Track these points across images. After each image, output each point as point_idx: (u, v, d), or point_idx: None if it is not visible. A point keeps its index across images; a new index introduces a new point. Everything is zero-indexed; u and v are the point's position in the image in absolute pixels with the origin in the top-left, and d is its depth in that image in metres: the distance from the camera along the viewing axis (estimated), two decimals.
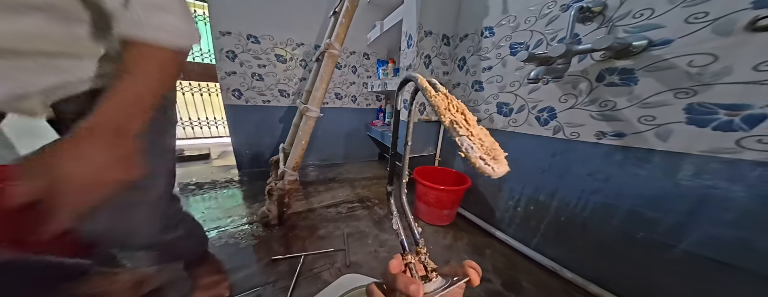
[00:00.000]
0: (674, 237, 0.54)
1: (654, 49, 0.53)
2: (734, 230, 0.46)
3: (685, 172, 0.51)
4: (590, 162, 0.66)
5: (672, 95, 0.51)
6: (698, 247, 0.51)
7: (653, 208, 0.56)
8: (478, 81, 1.00)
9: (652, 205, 0.56)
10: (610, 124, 0.62)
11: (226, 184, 1.43)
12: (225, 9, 1.29)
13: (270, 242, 0.89)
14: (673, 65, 0.51)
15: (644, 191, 0.57)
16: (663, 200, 0.54)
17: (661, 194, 0.55)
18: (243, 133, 1.56)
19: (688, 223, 0.52)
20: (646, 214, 0.57)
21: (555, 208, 0.76)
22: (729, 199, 0.46)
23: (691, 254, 0.52)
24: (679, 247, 0.53)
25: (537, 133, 0.79)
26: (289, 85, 1.58)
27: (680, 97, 0.50)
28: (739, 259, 0.47)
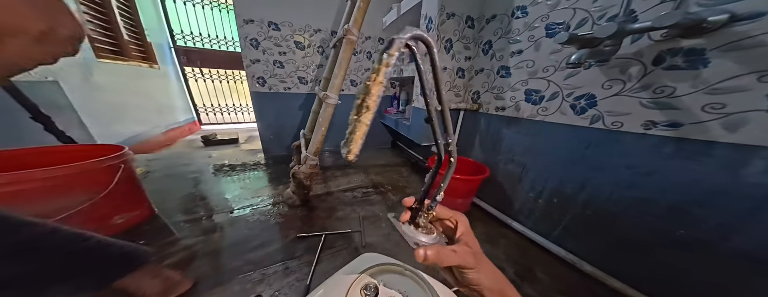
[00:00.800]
0: (723, 235, 0.48)
1: (738, 25, 0.42)
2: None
3: (753, 168, 0.43)
4: (632, 154, 0.58)
5: (755, 79, 0.42)
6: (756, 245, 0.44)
7: (703, 204, 0.49)
8: (504, 66, 0.90)
9: (702, 201, 0.49)
10: (665, 113, 0.53)
11: (254, 166, 1.51)
12: None
13: (295, 221, 0.94)
14: (763, 42, 0.41)
15: (695, 187, 0.50)
16: (718, 197, 0.47)
17: (717, 190, 0.47)
18: (267, 119, 1.60)
19: (746, 224, 0.45)
20: (693, 211, 0.50)
21: (582, 201, 0.70)
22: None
23: (742, 253, 0.46)
24: (726, 245, 0.47)
25: (571, 122, 0.70)
26: (307, 71, 1.57)
27: (765, 81, 0.41)
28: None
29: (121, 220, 0.80)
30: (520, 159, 0.88)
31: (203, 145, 1.95)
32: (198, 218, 0.93)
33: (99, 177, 0.71)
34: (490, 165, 1.00)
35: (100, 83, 1.35)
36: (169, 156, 1.66)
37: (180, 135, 2.22)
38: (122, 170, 0.75)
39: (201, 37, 2.35)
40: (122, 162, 0.76)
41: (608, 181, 0.63)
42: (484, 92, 1.01)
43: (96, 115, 1.29)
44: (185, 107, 2.42)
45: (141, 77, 1.75)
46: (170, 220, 0.90)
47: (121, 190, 0.76)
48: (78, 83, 1.21)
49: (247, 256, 0.74)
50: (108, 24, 1.49)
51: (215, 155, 1.71)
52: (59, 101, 1.09)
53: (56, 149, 0.83)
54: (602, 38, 0.52)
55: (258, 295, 0.57)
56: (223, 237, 0.83)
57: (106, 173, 0.73)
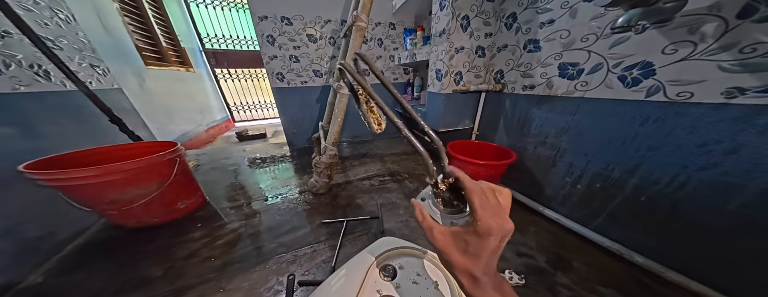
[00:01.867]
0: None
1: None
2: None
3: None
4: (706, 129, 0.47)
5: None
6: None
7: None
8: (533, 40, 0.77)
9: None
10: (757, 77, 0.40)
11: (281, 158, 1.58)
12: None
13: (319, 208, 0.97)
14: None
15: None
16: None
17: None
18: (288, 113, 1.64)
19: None
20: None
21: (633, 186, 0.60)
22: None
23: None
24: None
25: (619, 96, 0.59)
26: (321, 64, 1.55)
27: None
28: None
29: (183, 206, 0.91)
30: (554, 141, 0.78)
31: (238, 140, 2.09)
32: (239, 205, 1.02)
33: (163, 169, 0.81)
34: (517, 149, 0.91)
35: (151, 88, 1.48)
36: (212, 151, 1.82)
37: (219, 132, 2.40)
38: (179, 163, 0.84)
39: (225, 39, 2.43)
40: (177, 156, 0.84)
41: (671, 162, 0.52)
42: (509, 71, 0.89)
43: (154, 117, 1.44)
44: (220, 106, 2.59)
45: (181, 81, 1.89)
46: (219, 207, 1.00)
47: (180, 180, 0.86)
48: (136, 89, 1.34)
49: (280, 239, 0.79)
50: (148, 33, 1.60)
51: (248, 149, 1.83)
52: (125, 105, 1.22)
53: (129, 146, 0.95)
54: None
55: (291, 274, 0.60)
56: (260, 222, 0.89)
57: (168, 166, 0.82)
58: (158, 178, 0.79)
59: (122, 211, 0.75)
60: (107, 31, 1.22)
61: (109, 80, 1.14)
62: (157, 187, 0.78)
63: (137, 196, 0.75)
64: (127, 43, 1.36)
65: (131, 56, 1.37)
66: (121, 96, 1.20)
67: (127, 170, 0.70)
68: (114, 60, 1.20)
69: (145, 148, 0.93)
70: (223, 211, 0.97)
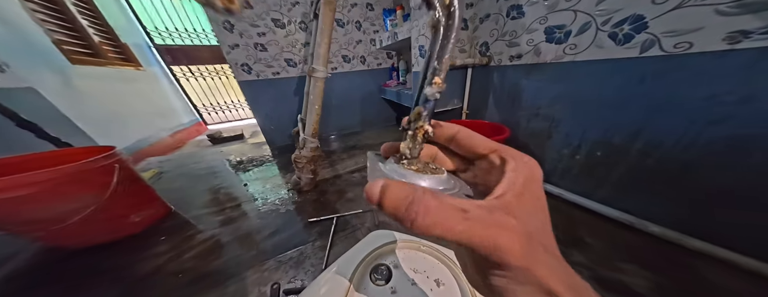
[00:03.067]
0: None
1: None
2: None
3: None
4: (713, 80, 0.44)
5: None
6: None
7: None
8: (515, 5, 0.72)
9: None
10: (759, 16, 0.37)
11: (261, 159, 1.47)
12: None
13: (305, 206, 0.90)
14: None
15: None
16: None
17: None
18: (263, 109, 1.51)
19: None
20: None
21: (637, 151, 0.57)
22: None
23: None
24: None
25: (611, 55, 0.55)
26: (293, 52, 1.41)
27: None
28: None
29: (139, 219, 0.80)
30: (548, 112, 0.75)
31: (211, 143, 1.92)
32: (214, 211, 0.92)
33: (99, 178, 0.69)
34: (509, 124, 0.87)
35: (83, 89, 1.28)
36: (180, 157, 1.66)
37: (188, 136, 2.20)
38: (119, 170, 0.72)
39: (179, 33, 2.17)
40: (115, 162, 0.72)
41: (676, 121, 0.49)
42: (494, 42, 0.84)
43: (93, 121, 1.25)
44: (186, 108, 2.36)
45: (128, 81, 1.67)
46: (189, 215, 0.90)
47: (127, 190, 0.75)
48: (59, 89, 1.14)
49: (262, 244, 0.72)
50: (70, 23, 1.36)
51: (224, 151, 1.69)
52: (43, 108, 1.04)
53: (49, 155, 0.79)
54: None
55: (275, 283, 0.53)
56: (238, 228, 0.81)
57: (104, 174, 0.70)
58: (93, 190, 0.67)
59: (53, 232, 0.64)
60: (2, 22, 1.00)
61: (12, 78, 0.95)
62: (95, 200, 0.67)
63: (69, 212, 0.63)
64: (38, 36, 1.14)
65: (47, 52, 1.16)
66: (34, 97, 1.01)
67: (41, 182, 0.57)
68: (17, 55, 1.00)
69: (72, 156, 0.77)
70: (195, 219, 0.88)
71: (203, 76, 2.42)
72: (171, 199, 0.96)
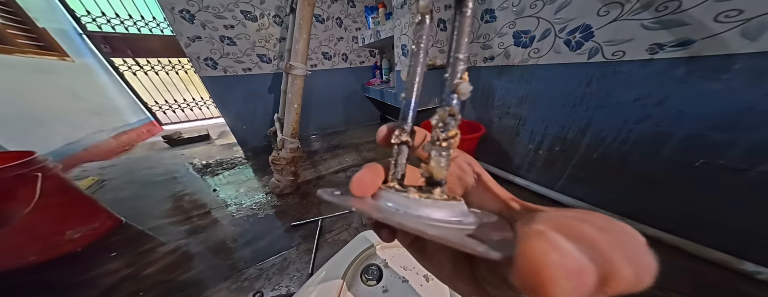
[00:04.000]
0: (753, 159, 0.44)
1: None
2: None
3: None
4: (638, 84, 0.54)
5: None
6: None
7: (725, 129, 0.46)
8: (489, 9, 0.79)
9: (725, 125, 0.46)
10: (672, 32, 0.47)
11: (232, 161, 1.36)
12: None
13: (287, 210, 0.87)
14: None
15: (714, 110, 0.46)
16: (742, 117, 0.43)
17: (741, 109, 0.43)
18: (232, 107, 1.40)
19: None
20: (714, 138, 0.47)
21: (586, 145, 0.67)
22: None
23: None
24: (756, 169, 0.44)
25: (566, 60, 0.64)
26: (267, 47, 1.33)
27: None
28: None
29: (78, 235, 0.69)
30: (516, 110, 0.83)
31: (168, 145, 1.71)
32: (178, 221, 0.84)
33: (15, 190, 0.58)
34: (484, 122, 0.95)
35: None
36: (127, 162, 1.45)
37: (137, 138, 1.93)
38: (45, 180, 0.61)
39: (122, 20, 1.88)
40: (37, 170, 0.61)
41: (614, 119, 0.60)
42: (470, 43, 0.90)
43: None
44: (133, 107, 2.06)
45: (48, 73, 1.41)
46: (146, 226, 0.81)
47: (56, 203, 0.65)
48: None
49: (239, 253, 0.68)
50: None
51: (186, 154, 1.52)
52: None
53: None
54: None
55: (258, 291, 0.51)
56: (209, 237, 0.75)
57: (23, 185, 0.59)
58: (8, 204, 0.57)
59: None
60: None
61: None
62: (10, 217, 0.57)
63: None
64: None
65: None
66: None
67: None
68: None
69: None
70: (154, 230, 0.79)
71: (155, 70, 2.14)
72: (121, 209, 0.85)
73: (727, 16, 0.41)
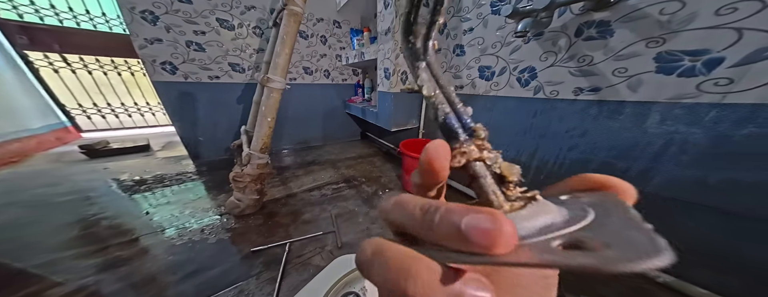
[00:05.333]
0: (641, 182, 0.58)
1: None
2: (692, 170, 0.51)
3: (652, 120, 0.55)
4: (568, 119, 0.68)
5: (644, 45, 0.53)
6: (660, 188, 0.56)
7: (623, 158, 0.60)
8: (459, 45, 0.94)
9: (623, 155, 0.60)
10: (588, 79, 0.63)
11: (178, 177, 1.18)
12: None
13: (247, 234, 0.77)
14: (647, 14, 0.52)
15: (616, 143, 0.61)
16: (632, 149, 0.59)
17: (631, 144, 0.58)
18: (189, 116, 1.26)
19: (653, 168, 0.56)
20: (617, 165, 0.62)
21: (535, 167, 0.80)
22: (688, 142, 0.51)
23: (655, 196, 0.57)
24: (644, 191, 0.58)
25: (518, 94, 0.79)
26: (242, 57, 1.30)
27: (651, 47, 0.52)
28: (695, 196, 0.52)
29: None
30: None
31: (86, 157, 1.40)
32: (87, 253, 0.66)
33: None
34: None
35: None
36: (12, 177, 1.14)
37: (36, 147, 1.54)
38: None
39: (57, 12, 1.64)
40: None
41: (553, 146, 0.73)
42: (444, 72, 1.04)
43: None
44: (41, 108, 1.68)
45: None
46: (28, 263, 0.62)
47: None
48: None
49: (178, 288, 0.56)
50: None
51: (112, 167, 1.26)
52: None
53: None
54: (539, 9, 0.59)
55: None
56: (134, 270, 0.61)
57: None
58: None
59: None
60: None
61: None
62: None
63: None
64: None
65: None
66: None
67: None
68: None
69: None
70: (42, 267, 0.61)
71: (88, 68, 1.84)
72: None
73: (619, 71, 0.58)
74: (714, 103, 0.47)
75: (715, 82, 0.46)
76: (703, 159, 0.50)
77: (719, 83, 0.46)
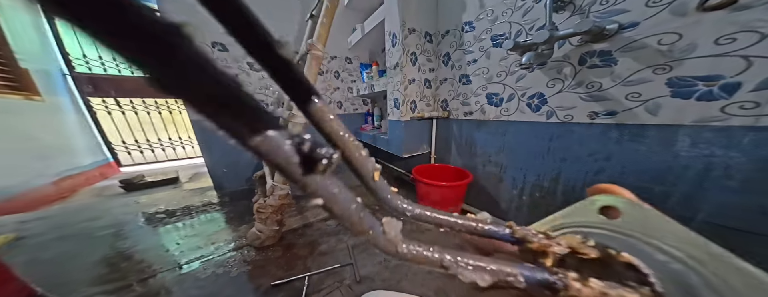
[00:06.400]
0: (689, 209, 0.53)
1: (625, 32, 0.56)
2: (743, 196, 0.47)
3: (682, 144, 0.53)
4: (588, 142, 0.68)
5: (651, 72, 0.55)
6: (712, 216, 0.51)
7: (659, 182, 0.57)
8: (464, 75, 1.00)
9: (657, 179, 0.57)
10: (601, 104, 0.64)
11: (203, 208, 1.24)
12: (183, 17, 1.15)
13: (266, 266, 0.78)
14: (645, 45, 0.54)
15: (647, 166, 0.58)
16: (667, 173, 0.55)
17: (664, 168, 0.56)
18: (217, 150, 1.38)
19: (697, 194, 0.52)
20: (654, 189, 0.58)
21: (561, 192, 0.77)
22: (730, 166, 0.48)
23: (711, 225, 0.51)
24: (696, 219, 0.53)
25: (530, 119, 0.80)
26: (266, 94, 1.46)
27: (659, 73, 0.54)
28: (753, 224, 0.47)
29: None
30: (497, 159, 0.95)
31: (124, 190, 1.53)
32: (122, 287, 0.70)
33: None
34: (470, 168, 1.05)
35: None
36: (61, 212, 1.25)
37: (83, 183, 1.71)
38: None
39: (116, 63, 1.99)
40: None
41: (578, 170, 0.71)
42: (452, 99, 1.09)
43: None
44: (92, 147, 1.92)
45: (8, 113, 1.34)
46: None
47: None
48: None
49: None
50: None
51: (145, 201, 1.36)
52: None
53: None
54: (539, 43, 0.64)
55: None
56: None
57: None
58: None
59: None
60: None
61: None
62: None
63: None
64: None
65: None
66: None
67: None
68: None
69: None
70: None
71: (135, 110, 2.13)
72: (39, 276, 0.70)
73: (632, 96, 0.58)
74: (748, 126, 0.45)
75: (740, 105, 0.46)
76: (752, 184, 0.46)
77: (745, 107, 0.45)
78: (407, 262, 0.11)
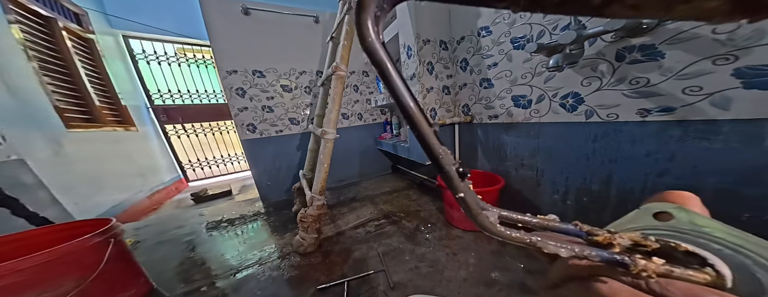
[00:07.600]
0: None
1: (667, 23, 0.50)
2: None
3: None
4: (643, 142, 0.60)
5: (710, 63, 0.47)
6: None
7: (751, 184, 0.47)
8: (485, 79, 0.98)
9: (748, 181, 0.48)
10: (651, 100, 0.57)
11: (254, 217, 1.42)
12: (229, 50, 1.36)
13: (310, 271, 0.86)
14: (697, 35, 0.48)
15: (727, 166, 0.49)
16: (762, 173, 0.46)
17: (756, 166, 0.46)
18: (261, 165, 1.57)
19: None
20: (744, 192, 0.48)
21: (615, 196, 0.69)
22: None
23: None
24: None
25: (566, 119, 0.74)
26: (297, 112, 1.61)
27: (721, 64, 0.46)
28: None
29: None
30: (531, 162, 0.89)
31: (194, 202, 1.83)
32: (199, 287, 0.83)
33: (85, 258, 0.64)
34: (500, 173, 1.00)
35: (72, 154, 1.30)
36: (158, 221, 1.54)
37: (167, 196, 2.09)
38: (113, 245, 0.69)
39: (180, 94, 2.40)
40: (111, 236, 0.70)
41: (633, 172, 0.63)
42: (473, 104, 1.07)
43: (71, 189, 1.21)
44: (169, 166, 2.33)
45: (118, 142, 1.71)
46: (171, 294, 0.82)
47: (113, 269, 0.69)
48: (48, 158, 1.15)
49: None
50: (77, 93, 1.50)
51: (208, 212, 1.60)
52: (25, 180, 1.02)
53: (32, 234, 0.75)
54: (566, 44, 0.60)
55: None
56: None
57: (94, 252, 0.66)
58: (76, 273, 0.62)
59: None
60: (11, 93, 1.06)
61: (4, 151, 0.98)
62: (75, 285, 0.60)
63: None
64: (42, 104, 1.21)
65: (46, 119, 1.21)
66: (20, 169, 1.02)
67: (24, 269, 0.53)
68: (16, 125, 1.05)
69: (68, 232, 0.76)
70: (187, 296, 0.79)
71: (196, 132, 2.53)
72: (152, 273, 0.88)
73: (691, 90, 0.51)
74: None
75: None
76: None
77: None
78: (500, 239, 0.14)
